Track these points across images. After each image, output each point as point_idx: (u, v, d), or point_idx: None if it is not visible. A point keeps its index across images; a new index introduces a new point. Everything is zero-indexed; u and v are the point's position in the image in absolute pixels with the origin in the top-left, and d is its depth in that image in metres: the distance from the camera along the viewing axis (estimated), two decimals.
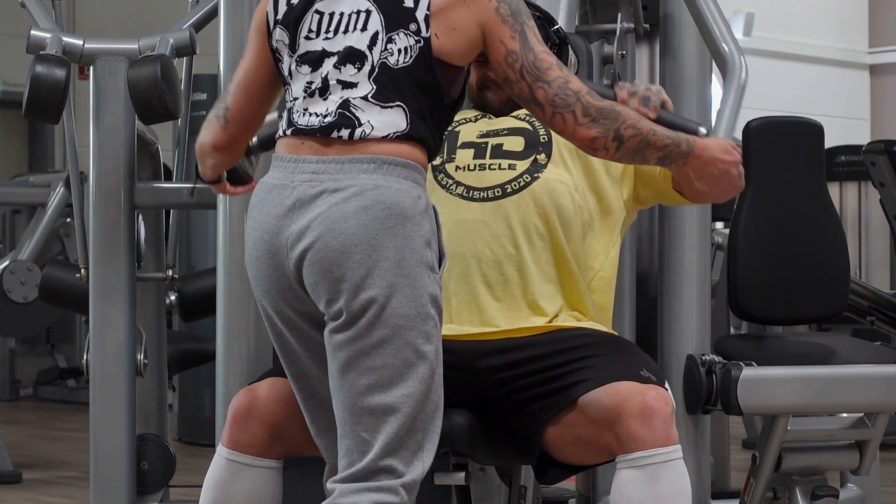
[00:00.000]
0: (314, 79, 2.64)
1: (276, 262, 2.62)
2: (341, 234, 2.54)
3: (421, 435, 2.58)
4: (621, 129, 2.67)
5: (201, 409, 6.91)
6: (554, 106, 2.65)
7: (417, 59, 2.60)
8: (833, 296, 3.86)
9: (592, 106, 2.66)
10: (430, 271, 2.58)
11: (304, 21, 2.66)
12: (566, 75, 2.66)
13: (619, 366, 2.84)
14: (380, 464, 2.56)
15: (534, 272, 2.98)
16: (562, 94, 2.64)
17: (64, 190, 6.38)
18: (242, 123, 2.81)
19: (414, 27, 2.60)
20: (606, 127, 2.66)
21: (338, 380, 2.58)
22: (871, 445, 3.61)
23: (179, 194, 3.95)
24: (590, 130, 2.66)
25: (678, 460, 2.75)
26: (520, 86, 2.66)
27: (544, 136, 3.09)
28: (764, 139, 3.82)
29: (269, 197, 2.63)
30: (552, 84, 2.64)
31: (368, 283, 2.53)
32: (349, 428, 2.58)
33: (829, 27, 13.05)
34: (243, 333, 3.56)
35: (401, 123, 2.60)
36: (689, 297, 3.69)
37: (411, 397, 2.56)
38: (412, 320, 2.54)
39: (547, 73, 2.65)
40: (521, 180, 3.03)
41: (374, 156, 2.57)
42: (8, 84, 9.34)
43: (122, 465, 3.77)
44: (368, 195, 2.55)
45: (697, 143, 2.79)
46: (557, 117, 2.66)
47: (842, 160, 8.50)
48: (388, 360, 2.54)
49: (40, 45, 3.67)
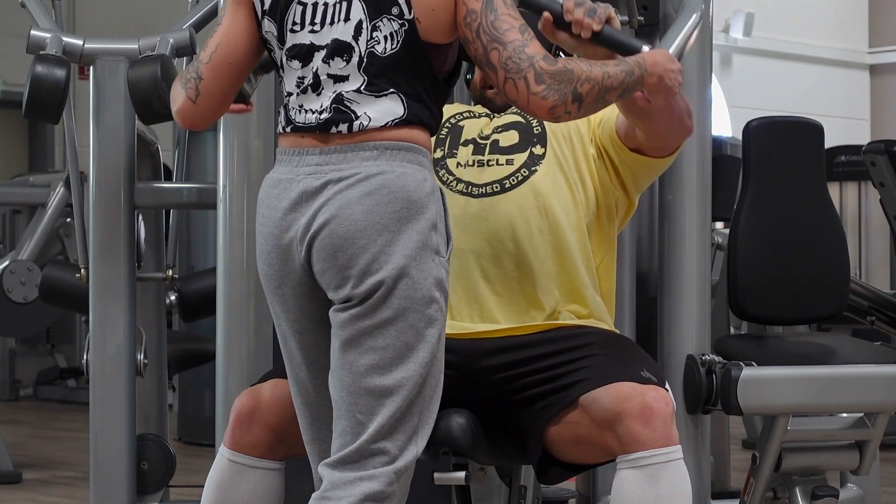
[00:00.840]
0: (305, 74, 2.63)
1: (287, 256, 2.61)
2: (346, 221, 2.53)
3: (417, 419, 2.57)
4: (577, 87, 2.58)
5: (201, 409, 6.91)
6: (506, 70, 2.55)
7: (405, 44, 2.58)
8: (833, 296, 3.86)
9: (545, 71, 2.55)
10: (436, 254, 2.58)
11: (288, 13, 2.64)
12: (525, 39, 2.56)
13: (620, 366, 2.84)
14: (372, 446, 2.55)
15: (533, 266, 2.99)
16: (515, 58, 2.54)
17: (64, 190, 6.38)
18: (216, 98, 2.72)
19: (396, 10, 2.58)
20: (563, 91, 2.57)
21: (339, 358, 2.57)
22: (871, 445, 3.61)
23: (179, 194, 3.96)
24: (545, 100, 2.56)
25: (679, 461, 2.75)
26: (475, 45, 2.58)
27: (538, 128, 3.09)
28: (764, 139, 3.82)
29: (274, 192, 2.63)
30: (507, 46, 2.55)
31: (375, 268, 2.52)
32: (345, 408, 2.57)
33: (829, 27, 13.05)
34: (243, 333, 3.56)
35: (398, 110, 2.59)
36: (689, 297, 3.69)
37: (410, 380, 2.55)
38: (416, 303, 2.54)
39: (505, 35, 2.56)
40: (520, 174, 3.03)
41: (376, 142, 2.57)
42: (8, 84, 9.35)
43: (122, 465, 3.77)
44: (372, 181, 2.55)
45: (647, 61, 2.71)
46: (509, 83, 2.56)
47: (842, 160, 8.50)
48: (389, 341, 2.54)
49: (40, 45, 3.67)
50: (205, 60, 2.71)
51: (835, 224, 3.87)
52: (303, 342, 2.68)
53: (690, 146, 3.62)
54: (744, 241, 3.76)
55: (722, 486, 4.83)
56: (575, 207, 3.04)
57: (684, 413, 3.67)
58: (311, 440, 2.74)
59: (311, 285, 2.62)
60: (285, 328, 2.69)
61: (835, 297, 3.86)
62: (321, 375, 2.65)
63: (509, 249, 2.99)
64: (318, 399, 2.69)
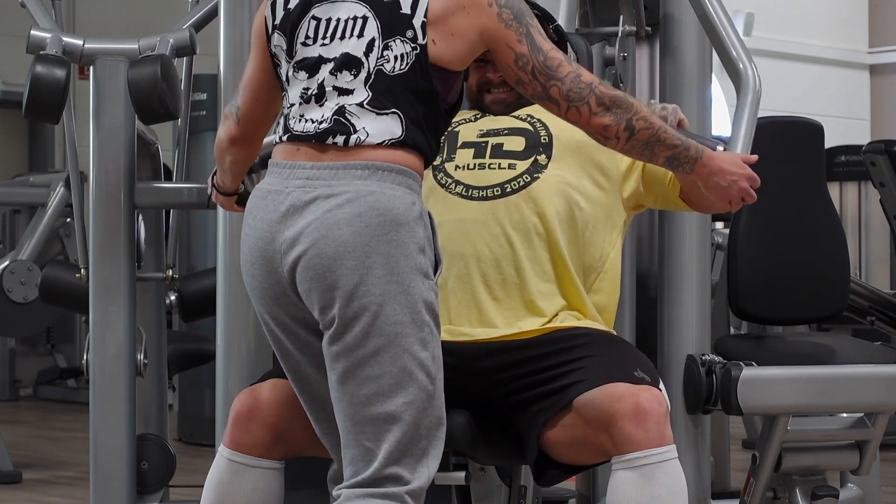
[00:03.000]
0: (310, 84, 2.64)
1: (271, 267, 2.61)
2: (334, 241, 2.53)
3: (425, 442, 2.58)
4: (633, 119, 2.71)
5: (201, 409, 6.91)
6: (569, 101, 2.68)
7: (413, 67, 2.60)
8: (833, 296, 3.86)
9: (606, 95, 2.69)
10: (425, 277, 2.57)
11: (300, 27, 2.66)
12: (576, 69, 2.69)
13: (613, 366, 2.84)
14: (385, 472, 2.55)
15: (532, 272, 2.98)
16: (575, 89, 2.68)
17: (64, 190, 6.38)
18: (253, 122, 2.84)
19: (410, 34, 2.60)
20: (619, 116, 2.70)
21: (337, 391, 2.58)
22: (871, 445, 3.61)
23: (179, 194, 3.95)
24: (603, 118, 2.69)
25: (673, 460, 2.75)
26: (533, 86, 2.69)
27: (545, 138, 3.09)
28: (764, 139, 3.82)
29: (263, 203, 2.63)
30: (565, 80, 2.67)
31: (362, 291, 2.52)
32: (352, 437, 2.57)
33: (829, 27, 13.05)
34: (243, 333, 3.56)
35: (396, 130, 2.59)
36: (689, 297, 3.69)
37: (412, 405, 2.55)
38: (407, 327, 2.54)
39: (558, 71, 2.67)
40: (521, 180, 3.03)
41: (368, 162, 2.57)
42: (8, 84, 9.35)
43: (122, 465, 3.77)
44: (362, 201, 2.54)
45: (707, 151, 2.82)
46: (573, 111, 2.69)
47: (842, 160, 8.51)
48: (385, 368, 2.54)
49: (40, 45, 3.67)
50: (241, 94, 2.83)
51: (835, 224, 3.87)
52: (298, 342, 2.68)
53: None
54: (744, 241, 3.76)
55: (722, 486, 4.83)
56: (576, 215, 3.03)
57: (684, 413, 3.67)
58: (323, 433, 2.75)
59: (294, 298, 2.62)
60: (278, 332, 2.69)
61: (835, 297, 3.86)
62: (322, 370, 2.64)
63: (508, 255, 2.99)
64: (322, 390, 2.69)
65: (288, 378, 2.76)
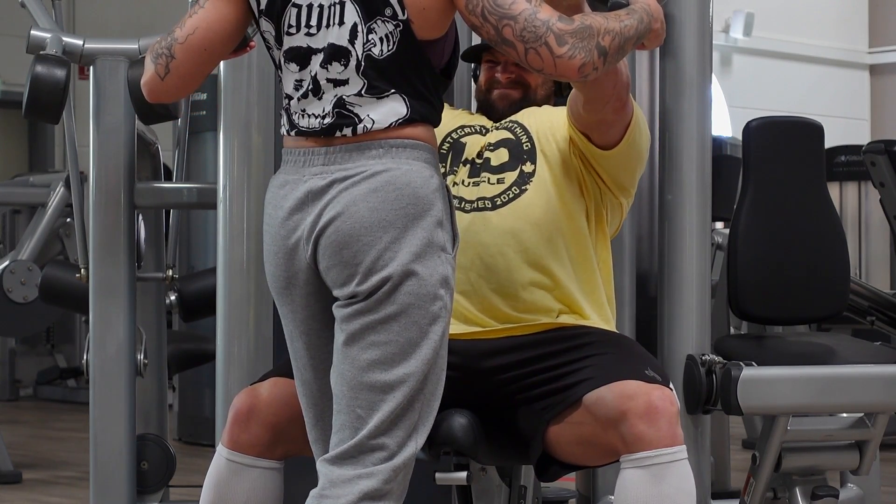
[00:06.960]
0: (304, 77, 2.63)
1: (293, 256, 2.61)
2: (352, 217, 2.53)
3: (417, 415, 2.56)
4: (600, 41, 2.54)
5: (201, 409, 6.91)
6: (524, 41, 2.49)
7: (401, 45, 2.57)
8: (833, 296, 3.85)
9: (565, 32, 2.49)
10: (442, 251, 2.57)
11: (284, 15, 2.63)
12: (534, 5, 2.50)
13: (625, 365, 2.83)
14: (371, 442, 2.54)
15: (527, 280, 2.99)
16: (529, 27, 2.48)
17: (64, 190, 6.38)
18: (185, 78, 2.70)
19: (389, 12, 2.56)
20: (588, 48, 2.51)
21: (341, 352, 2.57)
22: (871, 445, 3.61)
23: (179, 194, 3.95)
24: (573, 59, 2.50)
25: (683, 461, 2.75)
26: (486, 29, 2.53)
27: (527, 144, 3.10)
28: (764, 139, 3.82)
29: (280, 192, 2.63)
30: (518, 18, 2.49)
31: (381, 265, 2.52)
32: (346, 403, 2.56)
33: (829, 27, 13.05)
34: (243, 333, 3.56)
35: (401, 110, 2.58)
36: (689, 297, 3.69)
37: (412, 377, 2.54)
38: (421, 300, 2.53)
39: (511, 9, 2.50)
40: (510, 192, 3.04)
41: (381, 141, 2.57)
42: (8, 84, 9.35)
43: (122, 465, 3.77)
44: (378, 178, 2.54)
45: (651, 7, 2.69)
46: (531, 53, 2.50)
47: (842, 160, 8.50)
48: (392, 336, 2.53)
49: (40, 45, 3.67)
50: (180, 40, 2.68)
51: (835, 224, 3.86)
52: (309, 343, 2.67)
53: (690, 146, 3.63)
54: (744, 241, 3.76)
55: (722, 486, 4.83)
56: (567, 220, 3.04)
57: (684, 413, 3.67)
58: (315, 440, 2.74)
59: (317, 285, 2.62)
60: (292, 329, 2.68)
61: (835, 297, 3.86)
62: (326, 376, 2.64)
63: (500, 265, 2.99)
64: (322, 400, 2.68)
65: (294, 378, 2.75)
